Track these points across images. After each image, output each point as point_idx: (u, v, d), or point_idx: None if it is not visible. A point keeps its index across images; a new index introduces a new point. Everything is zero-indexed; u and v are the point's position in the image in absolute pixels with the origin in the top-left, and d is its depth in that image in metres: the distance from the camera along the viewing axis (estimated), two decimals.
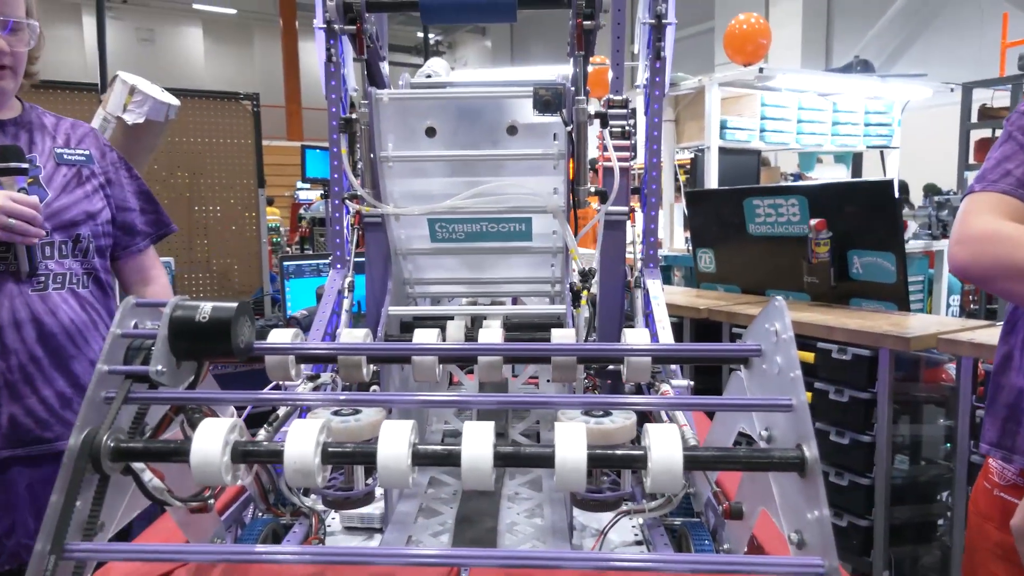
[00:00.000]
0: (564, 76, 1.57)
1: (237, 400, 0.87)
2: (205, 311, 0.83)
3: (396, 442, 0.73)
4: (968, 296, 5.64)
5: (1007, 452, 1.33)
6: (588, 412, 0.90)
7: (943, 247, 4.87)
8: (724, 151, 5.02)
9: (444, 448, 0.75)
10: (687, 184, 5.35)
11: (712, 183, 4.92)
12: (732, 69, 5.28)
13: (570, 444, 0.73)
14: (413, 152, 1.31)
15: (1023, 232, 1.18)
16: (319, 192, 7.27)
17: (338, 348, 0.94)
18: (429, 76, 1.65)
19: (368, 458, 0.74)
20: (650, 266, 1.54)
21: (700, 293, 3.75)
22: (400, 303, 1.51)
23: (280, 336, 0.93)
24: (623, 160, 1.42)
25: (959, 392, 2.37)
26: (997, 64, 7.61)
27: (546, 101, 1.17)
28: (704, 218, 3.89)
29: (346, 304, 1.49)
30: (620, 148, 1.43)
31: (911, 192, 7.76)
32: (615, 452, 0.76)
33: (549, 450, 0.73)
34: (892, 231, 2.91)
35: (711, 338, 3.21)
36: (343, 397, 0.83)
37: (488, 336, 1.00)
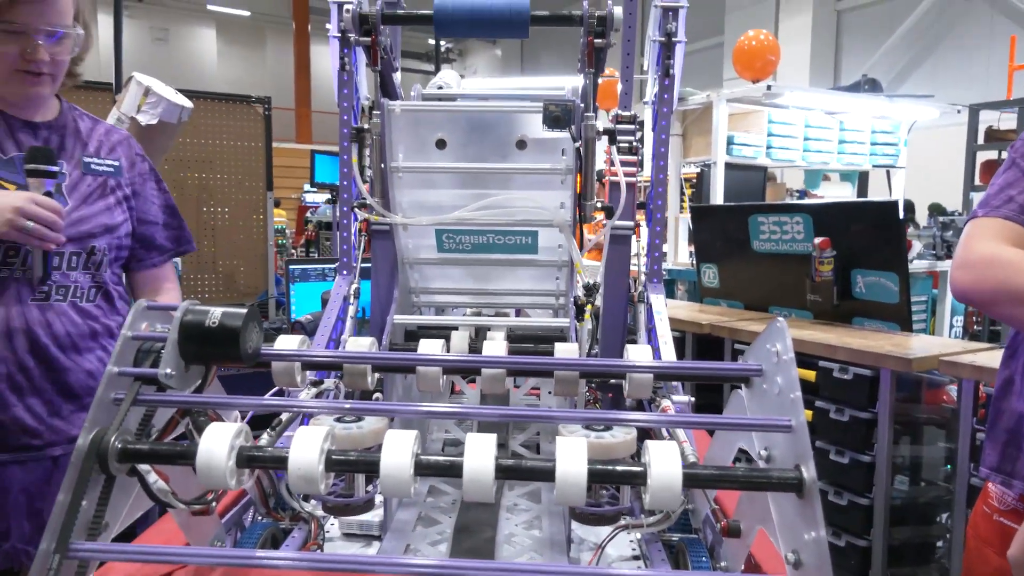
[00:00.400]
0: (574, 89, 1.59)
1: (244, 405, 0.88)
2: (215, 316, 0.84)
3: (399, 452, 0.74)
4: (971, 317, 5.63)
5: (1007, 477, 1.34)
6: (589, 426, 0.90)
7: (947, 267, 4.87)
8: (730, 167, 5.04)
9: (447, 459, 0.76)
10: (693, 198, 5.37)
11: (718, 198, 4.94)
12: (740, 84, 5.30)
13: (571, 459, 0.74)
14: (423, 163, 1.32)
15: None
16: (326, 196, 7.30)
17: (344, 356, 0.95)
18: (440, 87, 1.67)
19: (371, 467, 0.75)
20: (654, 281, 1.55)
21: (703, 308, 3.76)
22: (405, 312, 1.52)
23: (287, 343, 0.94)
24: (629, 175, 1.43)
25: (960, 414, 2.37)
26: (1004, 86, 7.63)
27: (555, 117, 1.18)
28: (709, 233, 3.90)
29: (351, 311, 1.50)
30: (627, 163, 1.45)
31: (916, 211, 7.76)
32: (615, 468, 0.76)
33: (550, 464, 0.74)
34: (896, 251, 2.92)
35: (713, 353, 3.22)
36: (348, 406, 0.84)
37: (492, 349, 1.01)
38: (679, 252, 5.45)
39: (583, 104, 1.26)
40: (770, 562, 0.94)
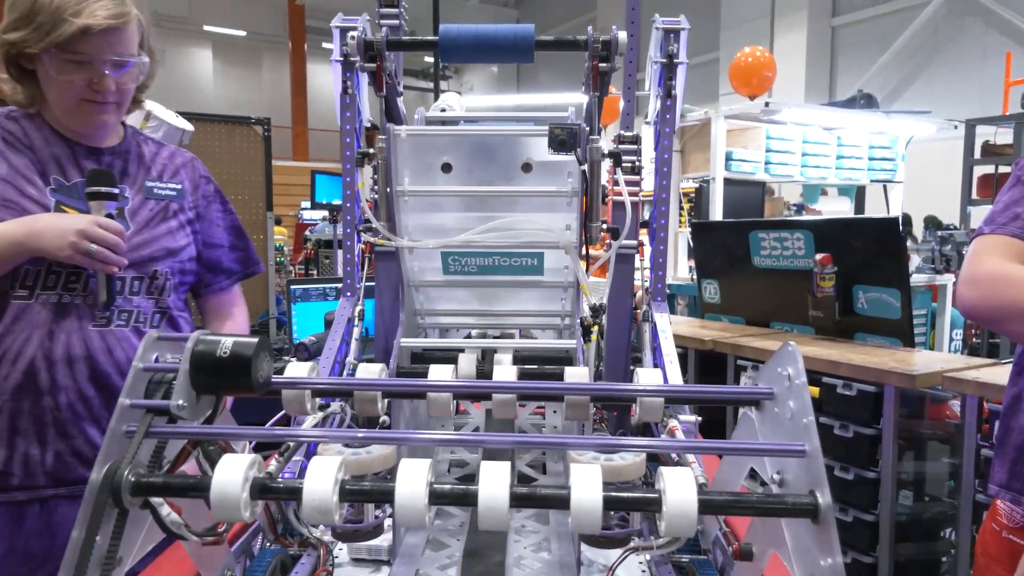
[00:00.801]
0: (578, 108, 1.60)
1: (255, 436, 0.88)
2: (226, 346, 0.84)
3: (414, 481, 0.74)
4: (971, 331, 5.64)
5: (1016, 494, 1.34)
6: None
7: (946, 281, 4.89)
8: (729, 182, 5.06)
9: (461, 488, 0.75)
10: (691, 212, 5.39)
11: (717, 213, 4.96)
12: (736, 99, 5.35)
13: (586, 486, 0.74)
14: (429, 187, 1.33)
15: None
16: (323, 213, 7.31)
17: (355, 384, 0.95)
18: (443, 110, 1.68)
19: (386, 497, 0.75)
20: (658, 299, 1.55)
21: (704, 324, 3.76)
22: (411, 333, 1.52)
23: (297, 370, 0.94)
24: (633, 194, 1.43)
25: (963, 430, 2.37)
26: (1000, 99, 7.70)
27: (561, 140, 1.19)
28: (709, 249, 3.91)
29: (356, 333, 1.50)
30: (630, 183, 1.45)
31: (914, 225, 7.79)
32: (630, 495, 0.76)
33: (565, 492, 0.74)
34: (897, 268, 2.93)
35: (716, 369, 3.22)
36: (361, 435, 0.84)
37: (502, 373, 1.01)
38: (679, 266, 5.47)
39: (587, 126, 1.26)
40: None
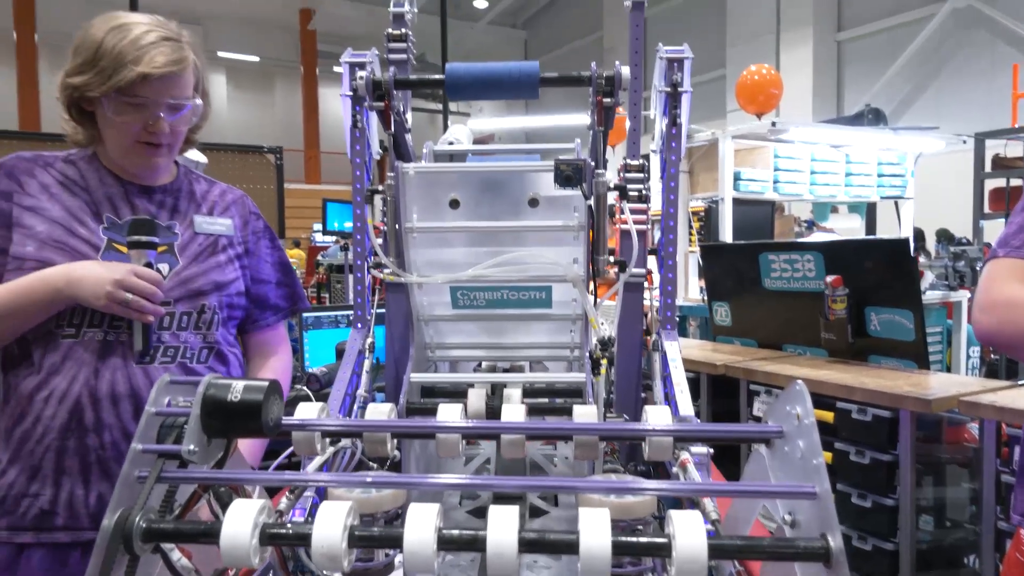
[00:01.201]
0: (582, 137, 1.61)
1: (265, 481, 0.88)
2: (237, 390, 0.85)
3: (422, 528, 0.74)
4: (988, 349, 5.57)
5: None
6: None
7: (961, 298, 4.85)
8: (738, 202, 5.06)
9: (470, 534, 0.76)
10: (701, 232, 5.39)
11: (726, 234, 4.95)
12: (744, 116, 5.36)
13: (594, 532, 0.73)
14: (437, 223, 1.34)
15: None
16: (334, 237, 7.37)
17: (364, 425, 0.95)
18: (451, 143, 1.69)
19: (395, 542, 0.75)
20: (667, 327, 1.55)
21: (716, 347, 3.74)
22: (421, 366, 1.52)
23: (307, 411, 0.95)
24: (640, 223, 1.44)
25: (983, 454, 2.33)
26: (1008, 112, 7.67)
27: (567, 176, 1.19)
28: (719, 271, 3.90)
29: (367, 365, 1.51)
30: (637, 211, 1.46)
31: (927, 239, 7.74)
32: (639, 540, 0.76)
33: (573, 537, 0.74)
34: (910, 289, 2.91)
35: (729, 392, 3.19)
36: (370, 479, 0.84)
37: (510, 412, 1.01)
38: (690, 287, 5.45)
39: (593, 161, 1.27)
40: None
